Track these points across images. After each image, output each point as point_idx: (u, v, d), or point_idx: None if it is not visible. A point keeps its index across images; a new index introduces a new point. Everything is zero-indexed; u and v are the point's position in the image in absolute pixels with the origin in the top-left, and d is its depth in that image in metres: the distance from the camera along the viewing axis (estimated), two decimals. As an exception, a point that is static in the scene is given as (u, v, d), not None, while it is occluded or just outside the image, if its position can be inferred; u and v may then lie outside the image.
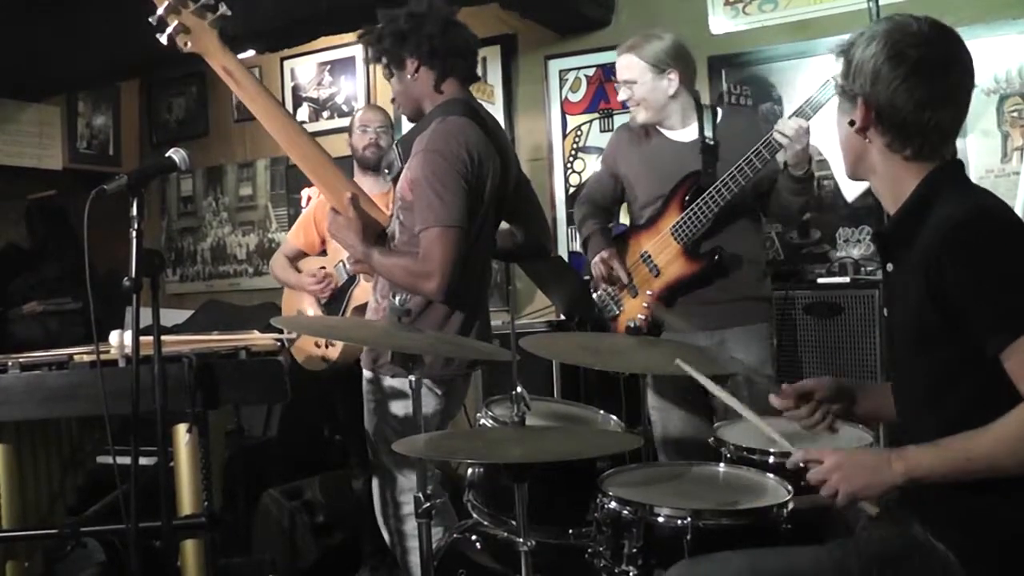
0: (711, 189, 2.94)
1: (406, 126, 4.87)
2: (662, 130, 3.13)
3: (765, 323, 3.12)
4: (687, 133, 3.10)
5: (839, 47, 1.76)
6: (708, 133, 3.05)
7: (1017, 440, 1.52)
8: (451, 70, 2.64)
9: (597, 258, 3.15)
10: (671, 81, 3.03)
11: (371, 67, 5.45)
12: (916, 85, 1.66)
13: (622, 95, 3.11)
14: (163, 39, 2.62)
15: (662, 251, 3.06)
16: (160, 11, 2.60)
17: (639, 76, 3.04)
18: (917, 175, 1.70)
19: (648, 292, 3.08)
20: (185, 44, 2.63)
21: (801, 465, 1.74)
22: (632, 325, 2.75)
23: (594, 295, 3.26)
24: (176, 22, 2.60)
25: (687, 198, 3.00)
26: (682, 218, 3.00)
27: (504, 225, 2.87)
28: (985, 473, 1.54)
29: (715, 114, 3.10)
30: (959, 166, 1.75)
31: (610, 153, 3.31)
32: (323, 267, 3.82)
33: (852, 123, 1.73)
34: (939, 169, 1.71)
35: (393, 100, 2.78)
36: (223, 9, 2.63)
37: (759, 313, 3.10)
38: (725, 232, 3.02)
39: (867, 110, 1.69)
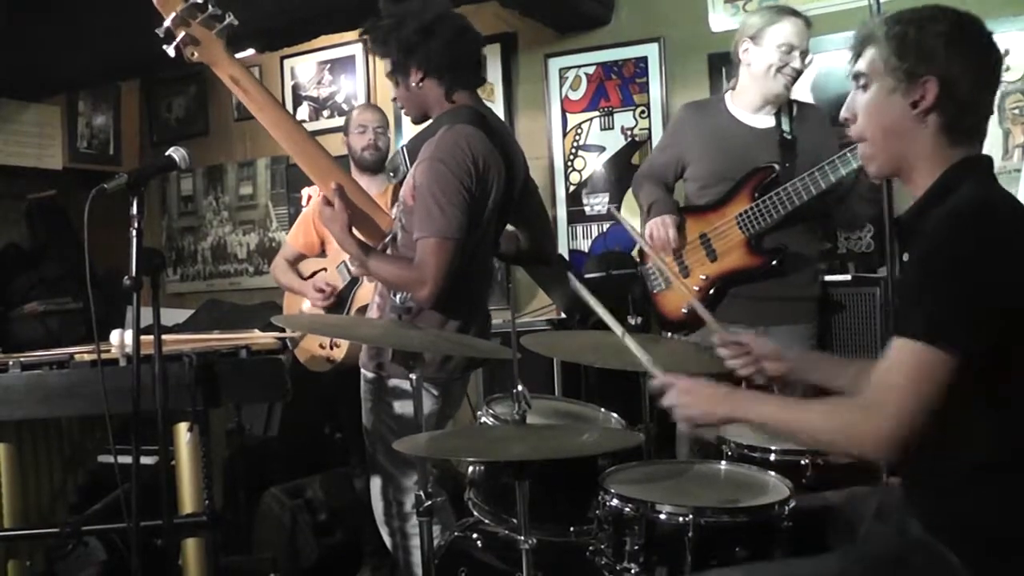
0: (788, 186, 2.89)
1: (406, 126, 4.91)
2: (733, 112, 3.09)
3: (810, 324, 3.08)
4: (761, 120, 3.06)
5: (880, 28, 1.73)
6: (786, 127, 3.01)
7: (826, 425, 1.60)
8: (457, 82, 2.64)
9: (659, 220, 3.07)
10: None
11: (371, 66, 5.45)
12: (985, 64, 1.69)
13: (800, 64, 2.98)
14: (170, 51, 2.61)
15: (723, 237, 3.02)
16: (167, 23, 2.59)
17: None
18: (948, 163, 1.70)
19: (702, 276, 3.05)
20: (192, 55, 2.63)
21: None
22: (632, 324, 2.75)
23: (641, 267, 3.22)
24: (183, 33, 2.60)
25: (759, 189, 2.96)
26: (751, 208, 2.96)
27: (509, 227, 2.87)
28: (793, 442, 1.75)
29: (791, 108, 3.06)
30: (987, 160, 1.74)
31: (674, 132, 3.25)
32: (324, 268, 3.81)
33: (915, 104, 1.68)
34: (965, 159, 1.70)
35: (394, 99, 2.77)
36: (230, 19, 2.62)
37: (806, 313, 3.07)
38: (789, 230, 2.98)
39: (938, 86, 1.66)
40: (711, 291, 3.04)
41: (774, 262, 2.96)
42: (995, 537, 1.59)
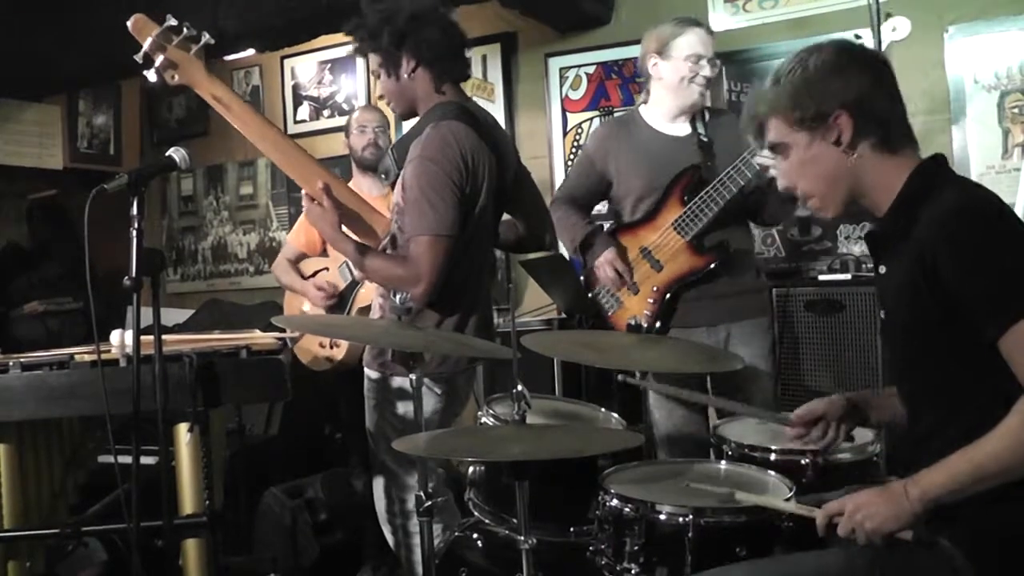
0: (716, 183, 2.93)
1: (406, 125, 4.91)
2: (651, 124, 3.12)
3: (766, 317, 3.14)
4: (678, 128, 3.09)
5: (765, 98, 1.73)
6: (702, 131, 3.07)
7: (1017, 441, 1.51)
8: (447, 72, 2.65)
9: (602, 259, 3.10)
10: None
11: (371, 65, 5.44)
12: (876, 72, 1.70)
13: (711, 72, 3.02)
14: (151, 76, 2.62)
15: (664, 246, 3.04)
16: (144, 48, 2.59)
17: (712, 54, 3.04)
18: (905, 172, 1.71)
19: (653, 288, 3.06)
20: (173, 78, 2.63)
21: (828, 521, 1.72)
22: (633, 323, 2.75)
23: (590, 294, 3.23)
24: (162, 58, 2.60)
25: (687, 192, 2.99)
26: (685, 212, 2.99)
27: (506, 216, 2.87)
28: (997, 478, 1.53)
29: (703, 114, 3.12)
30: (943, 159, 1.76)
31: (596, 147, 3.23)
32: (326, 268, 3.82)
33: (838, 142, 1.69)
34: (925, 163, 1.72)
35: (382, 96, 2.78)
36: (206, 38, 2.62)
37: (760, 307, 3.13)
38: (725, 227, 3.02)
39: (851, 116, 1.68)
40: (664, 300, 3.05)
41: (720, 257, 3.00)
42: (1003, 536, 1.59)
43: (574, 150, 4.81)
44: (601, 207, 3.56)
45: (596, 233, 3.18)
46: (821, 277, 3.81)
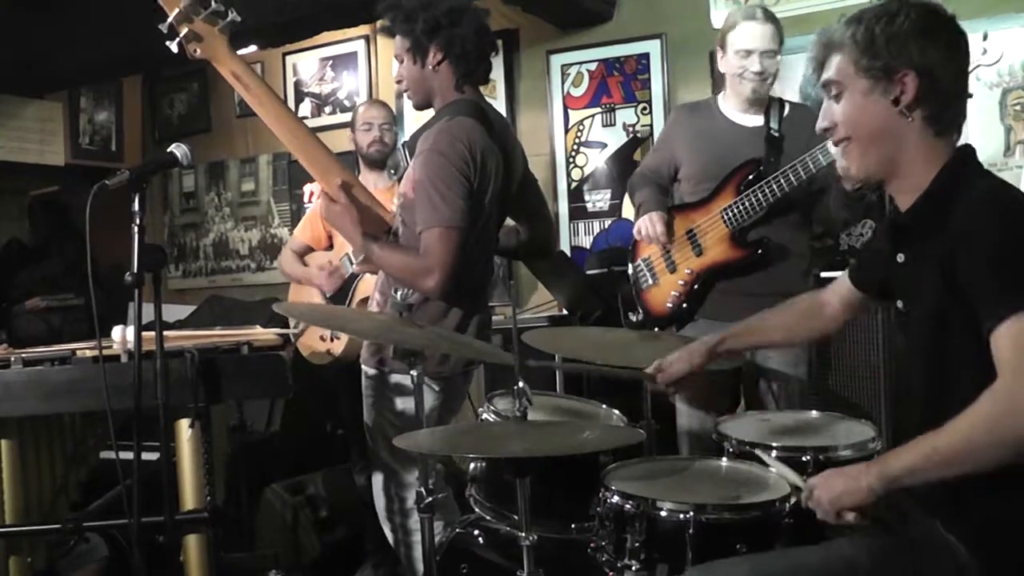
0: (769, 179, 2.91)
1: (408, 121, 4.91)
2: (724, 112, 3.11)
3: None
4: (750, 119, 3.08)
5: (842, 32, 1.70)
6: (774, 124, 3.04)
7: (975, 428, 1.50)
8: (471, 73, 2.65)
9: (645, 217, 3.09)
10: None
11: (373, 63, 5.45)
12: (957, 51, 1.67)
13: (760, 67, 2.97)
14: (173, 47, 2.61)
15: (709, 232, 3.04)
16: (171, 19, 2.59)
17: (777, 49, 2.99)
18: (939, 158, 1.69)
19: (687, 271, 3.06)
20: (195, 51, 2.63)
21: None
22: (633, 320, 2.75)
23: (629, 267, 3.22)
24: (187, 30, 2.59)
25: (744, 184, 2.98)
26: (735, 203, 2.98)
27: (509, 223, 2.87)
28: (954, 466, 1.52)
29: (782, 108, 3.09)
30: (972, 151, 1.74)
31: (667, 130, 3.29)
32: (329, 261, 3.82)
33: (897, 101, 1.66)
34: (960, 153, 1.70)
35: (400, 82, 2.75)
36: (232, 15, 2.62)
37: None
38: (775, 224, 3.00)
39: (918, 80, 1.64)
40: (696, 285, 3.06)
41: (757, 253, 2.98)
42: (1006, 531, 1.59)
43: (576, 147, 4.81)
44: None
45: (652, 200, 3.16)
46: (823, 275, 3.79)
